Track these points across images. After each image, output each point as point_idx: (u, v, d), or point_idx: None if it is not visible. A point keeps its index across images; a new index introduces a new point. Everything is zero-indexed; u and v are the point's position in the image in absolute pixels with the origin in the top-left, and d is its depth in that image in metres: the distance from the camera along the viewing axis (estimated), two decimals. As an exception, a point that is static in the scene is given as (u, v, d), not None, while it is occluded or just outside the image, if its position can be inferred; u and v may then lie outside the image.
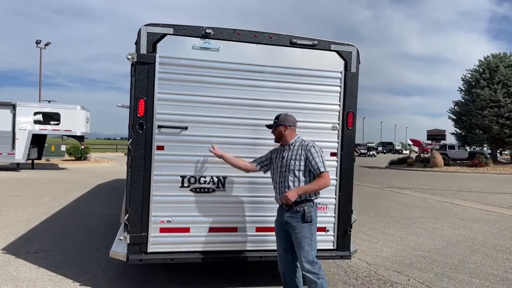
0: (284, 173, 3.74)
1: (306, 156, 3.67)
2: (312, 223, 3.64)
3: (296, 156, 3.71)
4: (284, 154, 3.80)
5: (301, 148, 3.72)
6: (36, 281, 4.64)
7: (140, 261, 4.19)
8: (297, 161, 3.69)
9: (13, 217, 8.23)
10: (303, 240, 3.60)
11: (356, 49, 4.64)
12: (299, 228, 3.62)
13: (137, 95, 4.14)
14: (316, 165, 3.62)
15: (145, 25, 4.16)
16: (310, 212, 3.62)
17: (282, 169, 3.76)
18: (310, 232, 3.62)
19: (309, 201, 3.66)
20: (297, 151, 3.74)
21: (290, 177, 3.68)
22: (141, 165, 4.17)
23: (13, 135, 18.16)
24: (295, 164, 3.69)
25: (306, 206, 3.63)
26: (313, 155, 3.64)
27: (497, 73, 33.20)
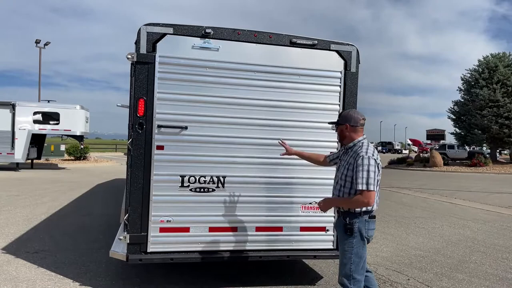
0: (336, 177, 3.44)
1: (353, 166, 3.21)
2: (354, 236, 3.20)
3: (347, 163, 3.29)
4: (343, 156, 3.44)
5: (354, 155, 3.25)
6: (36, 281, 4.64)
7: (140, 261, 4.19)
8: (346, 169, 3.28)
9: (13, 216, 8.22)
10: (342, 251, 3.30)
11: (356, 49, 4.65)
12: (341, 238, 3.33)
13: (137, 94, 4.14)
14: (356, 180, 3.14)
15: (145, 24, 4.16)
16: (352, 225, 3.20)
17: (337, 172, 3.46)
18: (350, 245, 3.21)
19: (352, 214, 3.22)
20: (350, 157, 3.30)
21: (340, 183, 3.33)
22: (141, 165, 4.17)
23: (13, 135, 18.13)
24: (345, 173, 3.28)
25: (348, 217, 3.23)
26: (358, 168, 3.13)
27: (496, 73, 33.22)
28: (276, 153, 4.48)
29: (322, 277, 5.06)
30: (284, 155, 4.04)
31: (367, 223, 3.22)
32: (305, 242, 4.60)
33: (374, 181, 3.10)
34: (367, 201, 3.10)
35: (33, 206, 9.54)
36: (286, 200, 4.54)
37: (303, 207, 4.57)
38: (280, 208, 4.53)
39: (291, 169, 4.54)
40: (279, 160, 4.49)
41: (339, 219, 3.38)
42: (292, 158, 4.50)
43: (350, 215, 3.23)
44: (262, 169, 4.47)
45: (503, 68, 33.12)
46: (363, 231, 3.21)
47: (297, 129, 4.52)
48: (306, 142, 4.52)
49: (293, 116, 4.51)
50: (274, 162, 4.48)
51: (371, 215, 3.25)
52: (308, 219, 4.58)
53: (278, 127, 4.48)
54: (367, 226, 3.22)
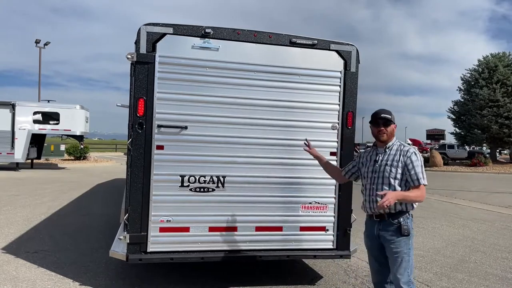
0: (376, 180, 3.25)
1: (405, 164, 3.17)
2: (410, 236, 3.17)
3: (393, 162, 3.19)
4: (378, 157, 3.29)
5: (399, 153, 3.22)
6: (36, 280, 4.64)
7: (139, 260, 4.19)
8: (393, 167, 3.18)
9: (13, 216, 8.22)
10: (399, 256, 3.14)
11: (355, 49, 4.65)
12: (396, 242, 3.15)
13: (136, 94, 4.14)
14: (416, 175, 3.12)
15: (144, 24, 4.16)
16: (407, 224, 3.15)
17: (374, 174, 3.27)
18: (408, 247, 3.15)
19: (405, 213, 3.18)
20: (394, 156, 3.22)
21: (384, 187, 3.18)
22: (141, 165, 4.17)
23: (13, 135, 18.13)
24: (391, 171, 3.18)
25: (401, 218, 3.16)
26: (414, 163, 3.14)
27: (496, 73, 33.24)
28: (276, 153, 4.49)
29: (322, 277, 5.06)
30: (307, 150, 3.91)
31: (412, 221, 3.25)
32: (305, 242, 4.60)
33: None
34: (424, 195, 3.18)
35: (33, 206, 9.54)
36: (286, 200, 4.54)
37: (303, 207, 4.57)
38: (280, 208, 4.53)
39: (291, 169, 4.54)
40: (279, 160, 4.50)
41: (385, 222, 3.21)
42: (293, 158, 4.51)
43: (402, 215, 3.17)
44: (262, 169, 4.46)
45: (503, 68, 33.15)
46: (412, 229, 3.21)
47: (297, 129, 4.52)
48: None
49: (293, 116, 4.51)
50: (274, 162, 4.48)
51: (412, 213, 3.27)
52: (308, 219, 4.58)
53: (278, 127, 4.48)
54: (412, 224, 3.24)
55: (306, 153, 4.53)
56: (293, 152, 4.52)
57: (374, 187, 3.24)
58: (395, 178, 3.17)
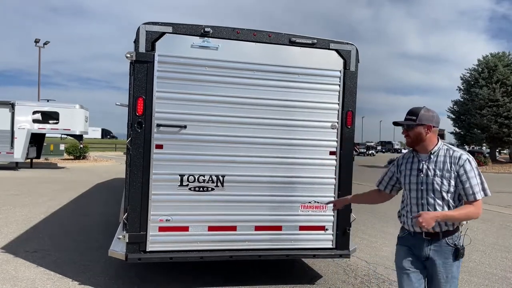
0: (425, 193, 2.69)
1: (457, 174, 2.62)
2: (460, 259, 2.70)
3: (443, 172, 2.64)
4: (422, 166, 2.73)
5: (448, 160, 2.65)
6: (35, 280, 4.64)
7: (139, 260, 4.19)
8: (445, 179, 2.63)
9: (12, 216, 8.21)
10: (450, 282, 2.67)
11: (355, 48, 4.64)
12: (448, 267, 2.66)
13: (136, 93, 4.14)
14: (472, 189, 2.58)
15: (144, 23, 4.16)
16: (463, 247, 2.67)
17: (421, 186, 2.71)
18: (458, 271, 2.71)
19: (456, 232, 2.69)
20: (443, 164, 2.66)
21: (437, 201, 2.65)
22: (140, 164, 4.17)
23: (12, 134, 18.08)
24: (442, 184, 2.63)
25: (455, 237, 2.67)
26: (468, 174, 2.59)
27: (495, 73, 33.26)
28: (275, 152, 4.48)
29: (322, 276, 5.06)
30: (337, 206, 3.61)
31: (462, 240, 2.71)
32: (304, 241, 4.59)
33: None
34: (479, 211, 2.61)
35: (32, 205, 9.53)
36: (285, 199, 4.53)
37: (303, 206, 4.56)
38: (279, 207, 4.52)
39: (291, 168, 4.53)
40: (279, 159, 4.50)
41: (437, 242, 2.68)
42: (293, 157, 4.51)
43: (454, 235, 2.67)
44: (261, 168, 4.46)
45: (502, 68, 33.16)
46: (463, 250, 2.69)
47: (297, 128, 4.51)
48: (305, 141, 4.53)
49: (293, 115, 4.51)
50: (273, 161, 4.48)
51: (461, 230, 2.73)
52: (307, 218, 4.58)
53: (278, 126, 4.48)
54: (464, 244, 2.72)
55: (306, 152, 4.58)
56: (292, 151, 4.52)
57: (424, 202, 2.70)
58: (448, 191, 2.64)
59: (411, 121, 2.72)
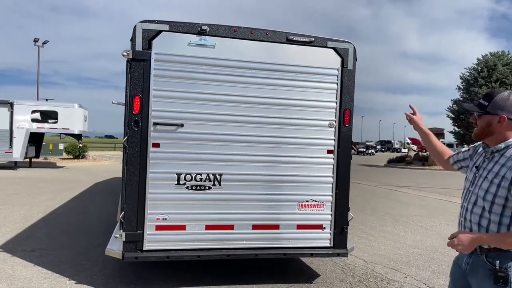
0: (470, 196, 2.20)
1: (510, 182, 1.99)
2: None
3: (498, 177, 2.05)
4: (484, 163, 2.19)
5: (509, 163, 2.04)
6: (32, 279, 4.62)
7: (135, 259, 4.18)
8: (494, 186, 2.05)
9: (10, 215, 8.19)
10: None
11: (353, 46, 4.63)
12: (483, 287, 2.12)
13: (132, 92, 4.12)
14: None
15: (140, 21, 4.14)
16: (507, 272, 2.03)
17: (470, 187, 2.21)
18: None
19: (505, 253, 2.05)
20: (502, 166, 2.07)
21: (481, 204, 2.11)
22: (137, 163, 4.15)
23: (11, 134, 18.07)
24: (488, 191, 2.08)
25: (499, 260, 2.05)
26: None
27: (495, 72, 33.23)
28: (272, 151, 4.47)
29: (319, 275, 5.05)
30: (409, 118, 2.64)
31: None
32: (301, 240, 4.58)
33: None
34: None
35: (30, 204, 9.51)
36: (283, 198, 4.52)
37: (300, 205, 4.55)
38: (277, 206, 4.51)
39: (288, 166, 4.52)
40: (276, 157, 4.48)
41: (476, 257, 2.15)
42: (290, 156, 4.49)
43: (502, 255, 2.06)
44: (259, 167, 4.45)
45: (502, 67, 33.13)
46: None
47: (294, 127, 4.50)
48: (303, 140, 4.52)
49: (290, 113, 4.49)
50: (271, 160, 4.47)
51: None
52: (305, 217, 4.57)
53: (275, 125, 4.46)
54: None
55: (303, 151, 4.55)
56: (290, 149, 4.51)
57: (466, 205, 2.23)
58: (493, 202, 2.05)
59: (484, 106, 2.18)
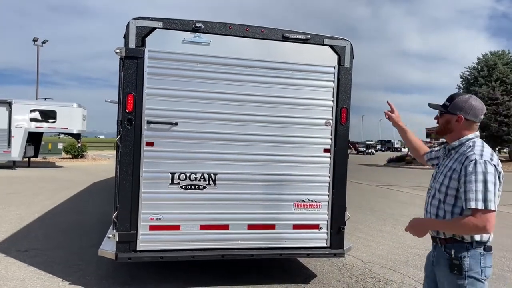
0: (432, 191, 2.42)
1: (459, 174, 2.22)
2: (463, 277, 2.21)
3: (450, 170, 2.29)
4: (444, 160, 2.42)
5: (461, 158, 2.25)
6: (25, 279, 4.57)
7: (129, 259, 4.12)
8: (447, 178, 2.29)
9: (6, 215, 8.14)
10: None
11: (350, 44, 4.57)
12: (443, 278, 2.30)
13: (125, 90, 4.07)
14: (466, 195, 2.16)
15: (134, 18, 4.08)
16: (460, 260, 2.22)
17: (433, 183, 2.43)
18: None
19: (460, 243, 2.25)
20: (455, 160, 2.29)
21: (438, 196, 2.34)
22: (130, 162, 4.09)
23: (9, 133, 18.03)
24: (446, 183, 2.29)
25: (454, 249, 2.25)
26: (468, 176, 2.16)
27: (495, 71, 33.15)
28: (268, 150, 4.41)
29: (316, 276, 4.99)
30: (388, 115, 2.95)
31: (482, 258, 2.24)
32: (298, 240, 4.52)
33: (495, 197, 2.18)
34: (482, 226, 2.15)
35: (27, 204, 9.46)
36: (278, 198, 4.46)
37: (296, 205, 4.49)
38: (272, 205, 4.45)
39: (284, 166, 4.46)
40: (272, 156, 4.43)
41: (438, 249, 2.35)
42: (286, 155, 4.43)
43: (456, 245, 2.25)
44: (254, 166, 4.39)
45: (502, 66, 33.05)
46: (477, 269, 2.21)
47: (290, 125, 4.44)
48: (299, 139, 4.46)
49: (286, 112, 4.43)
50: (266, 159, 4.41)
51: (487, 246, 2.27)
52: (301, 216, 4.51)
53: (271, 123, 4.40)
54: (483, 263, 2.23)
55: (299, 150, 4.49)
56: (286, 149, 4.45)
57: (427, 198, 2.45)
58: (447, 193, 2.28)
59: (445, 106, 2.39)
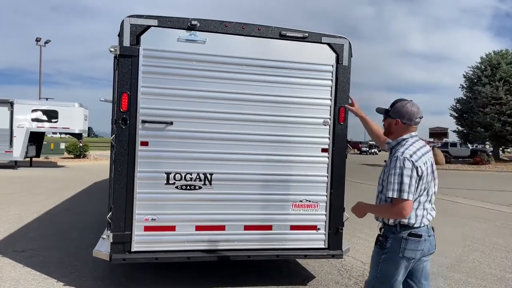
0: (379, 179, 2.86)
1: (386, 165, 2.75)
2: (385, 252, 2.71)
3: (387, 166, 2.74)
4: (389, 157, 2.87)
5: (393, 155, 2.72)
6: (20, 280, 4.52)
7: (123, 260, 4.07)
8: (383, 172, 2.77)
9: (5, 215, 8.11)
10: (371, 262, 2.85)
11: (348, 42, 4.50)
12: (374, 251, 2.85)
13: (120, 89, 4.02)
14: (387, 186, 2.63)
15: (128, 16, 4.03)
16: (384, 238, 2.73)
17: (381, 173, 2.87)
18: (378, 259, 2.75)
19: (388, 226, 2.74)
20: (391, 157, 2.76)
21: (378, 188, 2.83)
22: (125, 162, 4.04)
23: (11, 133, 18.03)
24: (383, 176, 2.77)
25: (384, 230, 2.78)
26: (390, 171, 2.62)
27: (498, 70, 32.98)
28: (265, 150, 4.35)
29: (315, 277, 4.92)
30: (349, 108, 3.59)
31: (404, 242, 2.65)
32: (295, 241, 4.45)
33: (410, 188, 2.55)
34: (399, 212, 2.57)
35: (27, 204, 9.43)
36: (276, 198, 4.39)
37: (294, 205, 4.42)
38: (269, 206, 4.38)
39: (281, 165, 4.39)
40: (269, 156, 4.36)
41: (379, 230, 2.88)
42: (283, 154, 4.37)
43: (386, 227, 2.76)
44: (250, 166, 4.32)
45: (505, 66, 32.89)
46: (396, 249, 2.66)
47: (287, 125, 4.38)
48: (296, 138, 4.40)
49: (283, 111, 4.36)
50: (263, 158, 4.34)
51: (413, 232, 2.66)
52: (298, 217, 4.44)
53: (267, 123, 4.34)
54: (404, 245, 2.65)
55: (297, 149, 4.43)
56: (283, 148, 4.38)
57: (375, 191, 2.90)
58: (382, 185, 2.76)
59: (386, 111, 2.86)
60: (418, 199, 2.65)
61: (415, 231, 2.67)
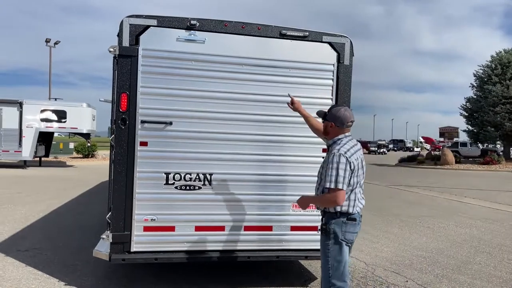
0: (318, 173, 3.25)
1: (324, 161, 3.15)
2: (329, 238, 3.07)
3: (325, 162, 3.12)
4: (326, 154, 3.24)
5: (330, 152, 3.11)
6: (21, 280, 4.55)
7: (123, 260, 4.06)
8: (322, 167, 3.17)
9: (11, 214, 8.19)
10: (321, 254, 3.17)
11: (349, 41, 4.45)
12: (320, 239, 3.17)
13: (119, 89, 4.01)
14: (325, 178, 3.01)
15: (127, 16, 4.03)
16: (327, 225, 3.09)
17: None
18: (327, 248, 3.09)
19: (329, 214, 3.10)
20: (328, 154, 3.15)
21: (317, 181, 3.22)
22: (124, 162, 4.04)
23: (20, 133, 18.24)
24: (321, 170, 3.16)
25: (325, 217, 3.13)
26: (328, 165, 3.00)
27: (509, 69, 32.49)
28: (265, 150, 4.32)
29: (316, 278, 4.87)
30: (290, 107, 3.85)
31: (344, 225, 3.07)
32: (296, 242, 4.42)
33: (344, 180, 2.95)
34: (334, 200, 2.97)
35: (33, 203, 9.51)
36: (276, 199, 4.36)
37: (294, 206, 4.38)
38: (269, 206, 4.36)
39: (282, 166, 4.36)
40: (269, 156, 4.33)
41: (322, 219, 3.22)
42: (284, 155, 4.34)
43: (327, 215, 3.13)
44: (250, 166, 4.30)
45: (516, 64, 32.38)
46: (338, 233, 3.06)
47: (288, 125, 4.34)
48: (297, 138, 4.36)
49: (284, 111, 4.30)
50: (263, 159, 4.31)
51: (350, 217, 3.08)
52: (299, 218, 4.40)
53: (268, 123, 4.31)
54: (344, 228, 3.06)
55: (297, 149, 4.39)
56: (283, 148, 4.35)
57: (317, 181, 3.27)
58: (321, 177, 3.14)
59: (325, 116, 3.23)
60: (354, 191, 3.05)
61: (351, 216, 3.08)
